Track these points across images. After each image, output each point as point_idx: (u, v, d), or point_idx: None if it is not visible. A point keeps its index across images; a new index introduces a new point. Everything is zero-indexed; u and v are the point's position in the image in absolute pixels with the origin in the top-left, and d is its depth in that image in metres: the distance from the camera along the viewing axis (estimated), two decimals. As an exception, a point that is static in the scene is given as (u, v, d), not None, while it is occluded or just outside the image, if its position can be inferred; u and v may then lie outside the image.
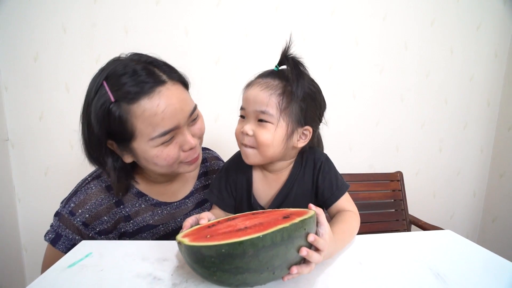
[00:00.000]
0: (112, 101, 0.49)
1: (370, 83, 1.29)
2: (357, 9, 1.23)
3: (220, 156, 0.87)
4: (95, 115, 0.50)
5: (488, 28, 1.31)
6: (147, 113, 0.49)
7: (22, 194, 1.17)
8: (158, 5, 1.13)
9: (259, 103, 0.52)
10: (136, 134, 0.51)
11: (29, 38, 1.09)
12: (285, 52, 0.54)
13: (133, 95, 0.49)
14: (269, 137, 0.52)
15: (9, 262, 1.14)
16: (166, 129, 0.51)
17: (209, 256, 0.33)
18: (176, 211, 0.66)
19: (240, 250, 0.32)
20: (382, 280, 0.41)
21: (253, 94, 0.52)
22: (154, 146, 0.52)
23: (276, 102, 0.51)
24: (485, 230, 1.47)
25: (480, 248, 0.51)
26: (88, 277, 0.41)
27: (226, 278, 0.34)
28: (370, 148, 1.35)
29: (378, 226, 1.28)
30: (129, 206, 0.61)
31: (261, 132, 0.52)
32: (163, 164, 0.54)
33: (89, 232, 0.57)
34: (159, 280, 0.40)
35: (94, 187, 0.59)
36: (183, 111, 0.53)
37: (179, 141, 0.54)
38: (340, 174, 0.61)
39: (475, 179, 1.46)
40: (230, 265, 0.33)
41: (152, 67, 0.53)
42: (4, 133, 1.12)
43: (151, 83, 0.50)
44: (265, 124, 0.52)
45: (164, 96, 0.50)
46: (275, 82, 0.52)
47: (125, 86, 0.49)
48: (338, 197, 0.57)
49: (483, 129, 1.41)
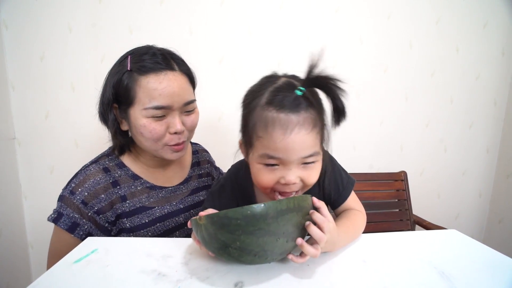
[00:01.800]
0: (128, 69, 0.59)
1: (375, 82, 1.28)
2: (362, 7, 1.22)
3: (230, 156, 0.88)
4: (111, 78, 0.61)
5: (495, 26, 1.30)
6: (149, 86, 0.58)
7: (29, 192, 1.19)
8: (163, 5, 1.13)
9: (308, 148, 0.43)
10: (135, 101, 0.59)
11: (36, 38, 1.10)
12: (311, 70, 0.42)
13: (145, 69, 0.58)
14: (318, 175, 0.47)
15: (15, 259, 1.15)
16: (160, 104, 0.58)
17: (235, 218, 0.36)
18: (171, 195, 0.70)
19: (263, 212, 0.36)
20: (386, 278, 0.41)
21: (300, 141, 0.42)
22: (145, 116, 0.58)
23: (320, 139, 0.45)
24: (491, 231, 1.45)
25: (485, 247, 0.50)
26: (94, 272, 0.42)
27: (249, 242, 0.37)
28: (374, 148, 1.34)
29: (382, 226, 1.27)
30: (125, 187, 0.64)
31: (310, 175, 0.46)
32: (147, 137, 0.59)
33: (88, 211, 0.60)
34: (163, 276, 0.41)
35: (93, 169, 0.63)
36: (180, 97, 0.60)
37: (168, 122, 0.60)
38: (344, 170, 0.60)
39: (481, 179, 1.44)
40: (254, 226, 0.36)
41: (169, 57, 0.62)
42: (11, 132, 1.14)
43: (163, 66, 0.59)
44: (312, 165, 0.45)
45: (168, 79, 0.59)
46: (312, 115, 0.43)
47: (143, 61, 0.59)
48: (345, 198, 0.57)
49: (489, 128, 1.39)
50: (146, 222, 0.64)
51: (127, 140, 0.66)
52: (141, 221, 0.64)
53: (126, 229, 0.63)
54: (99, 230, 0.61)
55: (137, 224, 0.63)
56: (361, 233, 0.54)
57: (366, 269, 0.43)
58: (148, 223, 0.64)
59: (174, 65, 0.62)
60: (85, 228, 0.60)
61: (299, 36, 1.21)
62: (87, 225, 0.60)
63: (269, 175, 0.45)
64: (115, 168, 0.65)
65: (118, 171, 0.65)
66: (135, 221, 0.63)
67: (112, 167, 0.65)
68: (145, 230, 0.64)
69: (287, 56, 1.20)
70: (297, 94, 0.42)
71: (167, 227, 0.67)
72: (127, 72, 0.59)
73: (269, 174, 0.45)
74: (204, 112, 1.25)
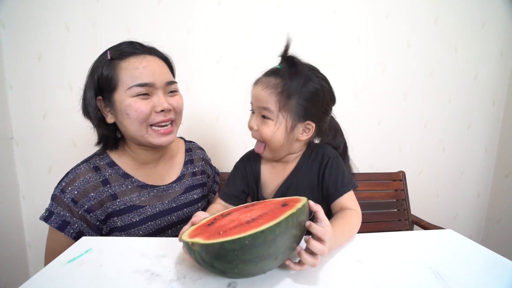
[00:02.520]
0: (108, 58, 0.60)
1: (372, 81, 1.28)
2: (360, 6, 1.22)
3: (228, 155, 0.89)
4: (92, 71, 0.62)
5: (494, 26, 1.30)
6: (130, 66, 0.60)
7: (27, 191, 1.19)
8: (160, 4, 1.13)
9: (261, 100, 0.57)
10: (118, 85, 0.60)
11: (34, 38, 1.10)
12: (285, 51, 0.56)
13: (125, 54, 0.61)
14: (269, 133, 0.57)
15: (13, 259, 1.16)
16: (143, 81, 0.59)
17: (232, 249, 0.34)
18: (163, 194, 0.69)
19: (262, 239, 0.34)
20: (380, 278, 0.41)
21: (257, 92, 0.57)
22: (130, 96, 0.59)
23: (275, 100, 0.55)
24: (489, 231, 1.45)
25: (481, 248, 0.50)
26: (88, 272, 0.42)
27: (247, 268, 0.36)
28: (372, 148, 1.34)
29: (380, 226, 1.27)
30: (116, 186, 0.64)
31: (263, 127, 0.58)
32: (133, 117, 0.59)
33: (78, 209, 0.60)
34: (157, 276, 0.41)
35: (83, 168, 0.64)
36: (161, 75, 0.62)
37: (153, 101, 0.61)
38: (350, 173, 0.62)
39: (479, 179, 1.44)
40: (252, 254, 0.34)
41: (147, 47, 0.66)
42: (9, 132, 1.14)
43: (141, 51, 0.63)
44: (267, 120, 0.57)
45: (148, 60, 0.62)
46: (276, 80, 0.56)
47: (121, 49, 0.62)
48: (341, 194, 0.58)
49: (487, 128, 1.39)
50: (137, 221, 0.64)
51: (112, 131, 0.66)
52: (132, 219, 0.64)
53: (117, 227, 0.63)
54: (90, 228, 0.61)
55: (128, 223, 0.63)
56: (356, 233, 0.54)
57: (360, 269, 0.43)
58: (139, 222, 0.64)
59: (151, 51, 0.65)
60: (75, 227, 0.60)
61: (297, 36, 1.20)
62: (78, 223, 0.60)
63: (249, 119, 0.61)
64: (106, 167, 0.65)
65: (108, 170, 0.65)
66: (126, 219, 0.63)
67: (103, 166, 0.65)
68: (137, 229, 0.64)
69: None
70: (277, 67, 0.58)
71: (159, 225, 0.67)
72: (107, 61, 0.60)
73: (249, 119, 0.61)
74: (202, 112, 1.27)
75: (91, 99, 0.62)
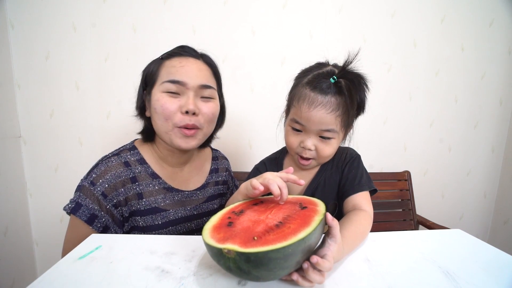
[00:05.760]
0: (160, 58, 0.65)
1: (378, 81, 1.27)
2: (365, 5, 1.21)
3: (232, 155, 0.89)
4: (145, 68, 0.66)
5: (501, 25, 1.28)
6: (171, 64, 0.62)
7: (34, 189, 1.20)
8: (166, 4, 1.14)
9: (325, 124, 0.54)
10: (158, 79, 0.63)
11: (41, 37, 1.11)
12: (346, 65, 0.53)
13: (172, 54, 0.64)
14: (332, 151, 0.58)
15: (21, 256, 1.17)
16: (175, 78, 0.60)
17: (276, 258, 0.34)
18: (187, 200, 0.69)
19: (301, 247, 0.35)
20: (390, 277, 0.41)
21: (319, 117, 0.53)
22: (160, 91, 0.61)
23: (340, 121, 0.55)
24: (496, 232, 1.44)
25: (490, 247, 0.50)
26: (98, 269, 0.42)
27: (283, 274, 0.36)
28: (378, 147, 1.33)
29: (385, 225, 1.26)
30: (143, 184, 0.64)
31: (324, 148, 0.57)
32: (159, 112, 0.61)
33: (107, 203, 0.59)
34: (167, 273, 0.41)
35: (114, 161, 0.63)
36: (196, 77, 0.62)
37: (182, 102, 0.61)
38: (369, 176, 0.62)
39: (486, 179, 1.42)
40: (292, 261, 0.35)
41: (196, 51, 0.67)
42: (17, 130, 1.15)
43: (189, 53, 0.65)
44: (328, 140, 0.56)
45: (190, 61, 0.63)
46: (336, 100, 0.53)
47: (173, 50, 0.66)
48: (356, 191, 0.58)
49: (494, 128, 1.38)
50: (159, 224, 0.63)
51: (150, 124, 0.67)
52: (154, 222, 0.63)
53: (138, 227, 0.62)
54: (115, 223, 0.60)
55: (150, 224, 0.63)
56: (366, 236, 0.53)
57: (370, 268, 0.43)
58: (161, 225, 0.64)
59: (199, 56, 0.66)
60: (102, 221, 0.59)
61: (303, 35, 1.20)
62: (105, 217, 0.59)
63: (294, 137, 0.58)
64: (136, 164, 0.64)
65: (138, 167, 0.64)
66: (148, 221, 0.63)
67: (133, 162, 0.64)
68: (157, 232, 0.63)
69: (290, 55, 1.20)
70: (331, 82, 0.53)
71: (179, 231, 0.66)
72: (157, 60, 0.65)
73: (294, 137, 0.58)
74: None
75: (139, 91, 0.67)
